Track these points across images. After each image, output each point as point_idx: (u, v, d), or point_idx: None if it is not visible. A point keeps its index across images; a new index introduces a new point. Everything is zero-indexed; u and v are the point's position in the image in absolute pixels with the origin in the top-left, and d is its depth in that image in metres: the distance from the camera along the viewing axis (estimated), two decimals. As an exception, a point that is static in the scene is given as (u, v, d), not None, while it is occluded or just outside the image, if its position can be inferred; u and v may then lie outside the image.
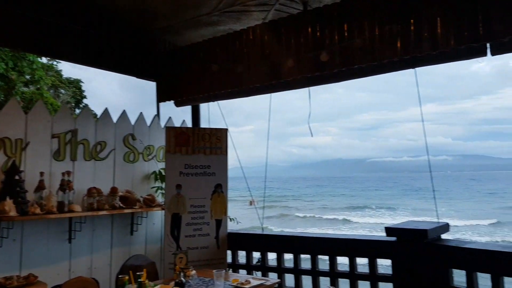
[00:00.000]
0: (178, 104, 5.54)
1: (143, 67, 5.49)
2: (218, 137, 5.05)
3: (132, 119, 5.16)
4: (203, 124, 5.80)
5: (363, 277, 4.17)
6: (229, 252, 5.09)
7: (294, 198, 51.36)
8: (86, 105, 5.76)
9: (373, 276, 4.10)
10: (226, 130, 5.12)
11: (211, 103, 5.41)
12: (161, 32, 5.37)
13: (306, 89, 4.59)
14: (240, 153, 5.38)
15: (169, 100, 5.50)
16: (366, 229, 27.21)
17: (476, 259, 3.47)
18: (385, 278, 4.04)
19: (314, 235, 4.69)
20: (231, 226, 5.61)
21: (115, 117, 5.01)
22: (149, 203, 4.88)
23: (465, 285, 3.50)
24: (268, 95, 4.89)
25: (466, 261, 3.53)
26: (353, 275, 4.21)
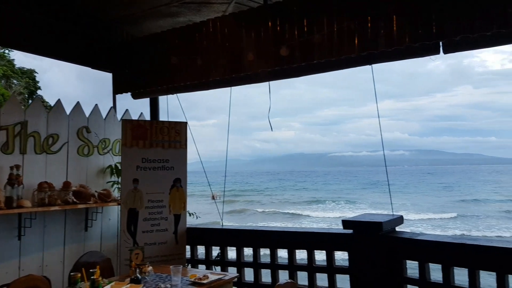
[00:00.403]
0: (135, 96, 5.39)
1: (98, 58, 5.29)
2: (177, 131, 4.96)
3: (88, 111, 4.99)
4: (163, 117, 5.69)
5: (321, 269, 4.23)
6: (188, 247, 5.03)
7: (257, 193, 51.60)
8: (37, 96, 5.49)
9: (330, 268, 4.17)
10: (185, 123, 5.03)
11: (171, 96, 5.31)
12: (118, 22, 5.20)
13: (268, 83, 4.59)
14: (203, 147, 5.32)
15: (126, 92, 5.35)
16: (326, 222, 27.71)
17: (428, 250, 3.59)
18: (342, 270, 4.11)
19: (273, 229, 4.71)
20: (192, 221, 5.56)
21: (70, 109, 4.82)
22: (104, 198, 4.74)
23: (417, 275, 3.62)
24: (229, 88, 4.85)
25: (418, 252, 3.65)
26: (311, 268, 4.26)
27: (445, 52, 3.41)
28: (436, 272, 3.62)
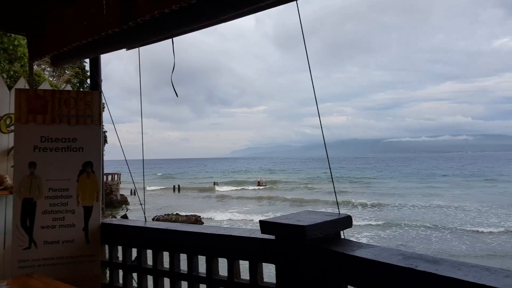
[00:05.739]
0: (54, 62, 4.45)
1: (11, 19, 4.42)
2: (88, 102, 3.97)
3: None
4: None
5: (244, 286, 3.09)
6: (107, 247, 4.08)
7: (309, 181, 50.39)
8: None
9: (254, 285, 3.02)
10: (99, 93, 4.03)
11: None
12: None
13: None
14: (253, 134, 4.39)
15: (42, 57, 4.42)
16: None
17: (367, 272, 2.34)
18: (268, 290, 2.95)
19: (192, 229, 3.58)
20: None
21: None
22: (-5, 185, 3.88)
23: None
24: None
25: (356, 274, 2.40)
26: (231, 284, 3.14)
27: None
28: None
